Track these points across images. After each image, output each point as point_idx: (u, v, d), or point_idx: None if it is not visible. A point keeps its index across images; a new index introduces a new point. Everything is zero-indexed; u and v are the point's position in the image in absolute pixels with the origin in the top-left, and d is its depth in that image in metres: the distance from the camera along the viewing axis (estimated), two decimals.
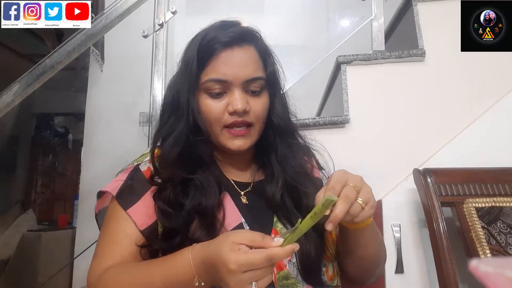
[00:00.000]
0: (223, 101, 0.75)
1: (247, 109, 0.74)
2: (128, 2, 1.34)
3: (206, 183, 0.74)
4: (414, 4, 1.47)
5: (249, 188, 0.82)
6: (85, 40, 1.32)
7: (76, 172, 2.13)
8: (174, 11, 1.43)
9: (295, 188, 0.79)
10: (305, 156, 0.87)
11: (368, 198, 0.62)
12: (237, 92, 0.74)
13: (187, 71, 0.77)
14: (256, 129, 0.78)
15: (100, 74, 2.00)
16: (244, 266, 0.53)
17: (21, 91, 1.28)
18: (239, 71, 0.74)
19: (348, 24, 2.57)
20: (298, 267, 0.73)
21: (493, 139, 1.31)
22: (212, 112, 0.75)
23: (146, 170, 0.79)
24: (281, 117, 0.81)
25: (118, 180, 0.78)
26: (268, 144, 0.82)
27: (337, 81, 1.58)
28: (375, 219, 0.81)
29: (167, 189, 0.73)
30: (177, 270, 0.61)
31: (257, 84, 0.76)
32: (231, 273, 0.53)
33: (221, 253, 0.55)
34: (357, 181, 0.63)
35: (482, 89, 1.37)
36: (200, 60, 0.75)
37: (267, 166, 0.83)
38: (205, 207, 0.72)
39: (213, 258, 0.56)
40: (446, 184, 1.16)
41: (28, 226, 2.93)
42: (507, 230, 1.10)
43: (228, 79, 0.74)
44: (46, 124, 3.97)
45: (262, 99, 0.78)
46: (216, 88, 0.75)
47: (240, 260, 0.53)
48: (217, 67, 0.74)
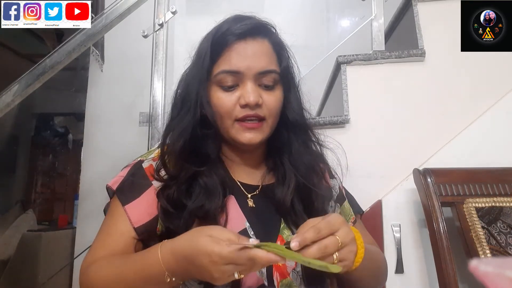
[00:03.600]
0: (235, 94, 0.73)
1: (259, 102, 0.72)
2: (128, 2, 1.34)
3: (210, 185, 0.72)
4: (414, 4, 1.47)
5: (256, 191, 0.79)
6: (85, 40, 1.32)
7: (76, 172, 2.13)
8: (174, 11, 1.42)
9: (306, 189, 0.76)
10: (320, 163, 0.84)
11: (346, 258, 0.59)
12: (250, 85, 0.72)
13: (199, 64, 0.75)
14: (269, 124, 0.75)
15: (100, 74, 2.00)
16: (227, 260, 0.54)
17: (21, 91, 1.28)
18: (252, 62, 0.72)
19: (348, 24, 2.57)
20: (302, 276, 0.72)
21: (493, 139, 1.31)
22: (223, 105, 0.73)
23: (148, 167, 0.77)
24: (296, 113, 0.79)
25: (121, 175, 0.78)
26: (281, 143, 0.80)
27: (337, 81, 1.58)
28: (375, 219, 0.81)
29: (171, 188, 0.72)
30: (148, 266, 0.62)
31: (271, 78, 0.74)
32: (214, 264, 0.54)
33: (202, 245, 0.55)
34: (346, 237, 0.59)
35: (482, 89, 1.37)
36: (213, 53, 0.74)
37: (278, 168, 0.80)
38: (207, 210, 0.70)
39: (189, 251, 0.57)
40: (446, 184, 1.16)
41: (28, 226, 2.93)
42: (507, 230, 1.10)
43: (240, 71, 0.72)
44: (46, 124, 3.96)
45: (275, 93, 0.75)
46: (228, 81, 0.73)
47: (223, 253, 0.53)
48: (229, 59, 0.73)
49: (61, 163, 3.94)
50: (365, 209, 1.24)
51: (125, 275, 0.65)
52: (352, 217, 0.86)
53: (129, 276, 0.64)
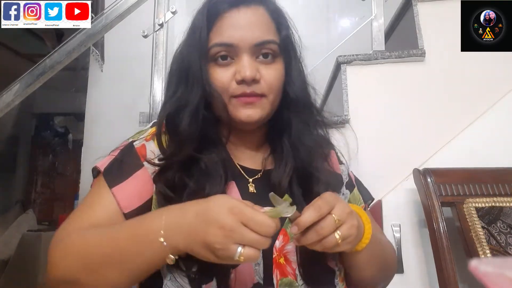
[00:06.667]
0: (231, 69, 0.67)
1: (257, 77, 0.66)
2: (128, 2, 1.34)
3: (212, 168, 0.67)
4: (414, 4, 1.47)
5: (258, 175, 0.74)
6: (85, 40, 1.32)
7: (76, 172, 2.13)
8: (174, 11, 1.42)
9: (306, 172, 0.71)
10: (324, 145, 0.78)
11: (349, 234, 0.57)
12: (246, 58, 0.66)
13: (195, 37, 0.69)
14: (270, 100, 0.68)
15: (100, 74, 2.00)
16: (247, 216, 0.51)
17: (21, 91, 1.28)
18: (247, 33, 0.66)
19: (348, 24, 2.57)
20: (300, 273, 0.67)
21: (493, 139, 1.31)
22: (218, 81, 0.67)
23: (140, 147, 0.70)
24: (298, 88, 0.72)
25: (110, 156, 0.70)
26: (281, 123, 0.73)
27: (337, 81, 1.58)
28: (376, 219, 0.81)
29: (171, 170, 0.66)
30: (145, 224, 0.57)
31: (269, 49, 0.67)
32: (231, 218, 0.50)
33: (224, 198, 0.54)
34: (342, 213, 0.56)
35: (482, 89, 1.37)
36: (207, 25, 0.67)
37: (277, 151, 0.74)
38: (208, 194, 0.63)
39: (204, 204, 0.54)
40: (446, 184, 1.16)
41: (28, 226, 2.93)
42: (507, 230, 1.10)
43: (234, 43, 0.66)
44: (46, 124, 3.97)
45: (275, 66, 0.69)
46: (222, 54, 0.67)
47: (247, 208, 0.51)
48: (221, 31, 0.67)
49: (61, 163, 3.94)
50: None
51: (115, 235, 0.58)
52: (362, 205, 0.83)
53: (119, 236, 0.57)
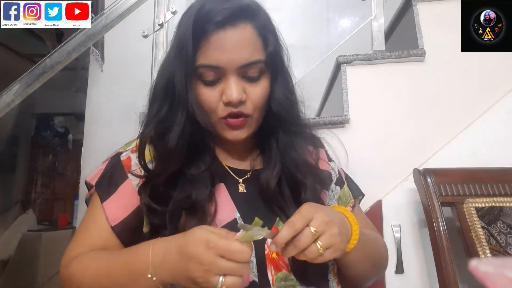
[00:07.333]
0: (217, 88, 0.68)
1: (243, 99, 0.67)
2: (128, 2, 1.34)
3: (198, 175, 0.69)
4: (414, 4, 1.47)
5: (248, 175, 0.76)
6: (85, 40, 1.32)
7: (76, 172, 2.13)
8: (174, 11, 1.42)
9: (293, 179, 0.73)
10: (310, 146, 0.80)
11: (330, 243, 0.57)
12: (232, 79, 0.67)
13: (182, 54, 0.68)
14: (255, 118, 0.71)
15: (100, 74, 2.00)
16: (223, 249, 0.53)
17: (21, 91, 1.27)
18: (233, 55, 0.66)
19: (348, 24, 2.57)
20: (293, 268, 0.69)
21: (493, 139, 1.31)
22: (206, 102, 0.68)
23: (125, 160, 0.74)
24: (282, 104, 0.72)
25: (100, 169, 0.77)
26: (268, 130, 0.75)
27: (337, 81, 1.58)
28: (375, 219, 0.81)
29: (153, 182, 0.69)
30: (136, 259, 0.61)
31: (255, 69, 0.68)
32: (208, 253, 0.53)
33: (201, 232, 0.56)
34: (321, 224, 0.57)
35: (482, 89, 1.37)
36: (193, 43, 0.67)
37: (266, 152, 0.76)
38: (194, 200, 0.67)
39: (183, 239, 0.57)
40: (446, 184, 1.16)
41: (28, 226, 2.93)
42: (507, 230, 1.10)
43: (220, 65, 0.66)
44: (46, 124, 3.97)
45: (261, 84, 0.70)
46: (209, 75, 0.67)
47: (221, 240, 0.54)
48: (208, 52, 0.66)
49: (61, 163, 3.95)
50: (365, 209, 1.24)
51: (110, 269, 0.63)
52: (351, 201, 0.84)
53: (114, 270, 0.63)
